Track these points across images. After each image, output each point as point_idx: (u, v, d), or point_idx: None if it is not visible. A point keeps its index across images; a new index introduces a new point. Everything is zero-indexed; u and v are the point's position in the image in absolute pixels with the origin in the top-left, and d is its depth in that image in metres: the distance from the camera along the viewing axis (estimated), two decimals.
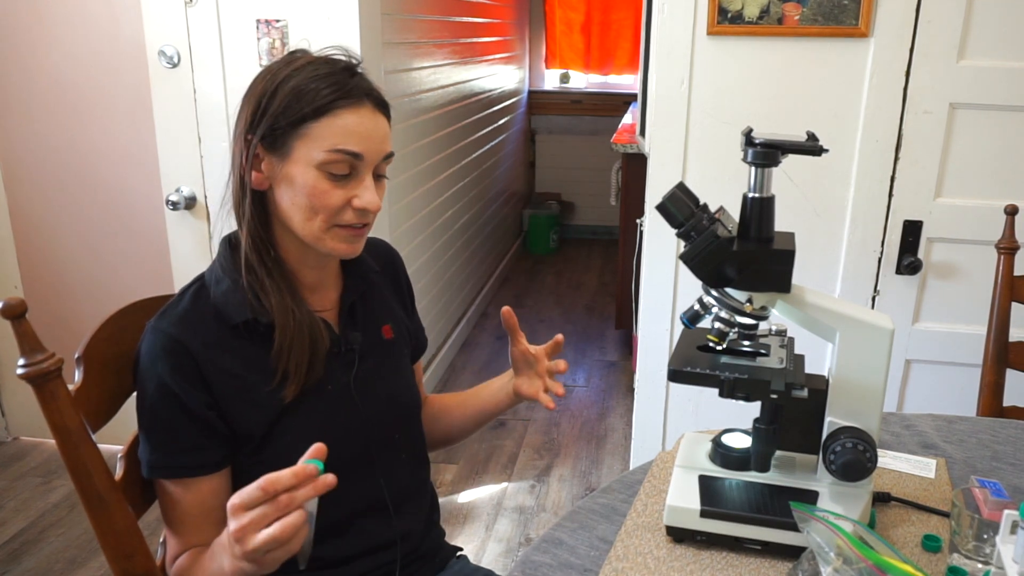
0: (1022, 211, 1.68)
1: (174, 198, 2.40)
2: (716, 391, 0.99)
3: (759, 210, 0.97)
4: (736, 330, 1.00)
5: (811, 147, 0.94)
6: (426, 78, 3.16)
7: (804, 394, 0.97)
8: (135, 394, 1.05)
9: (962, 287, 2.00)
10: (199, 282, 1.07)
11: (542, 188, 5.90)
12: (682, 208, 0.96)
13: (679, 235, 0.97)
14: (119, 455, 1.07)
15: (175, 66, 2.32)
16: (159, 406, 1.00)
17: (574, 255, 5.53)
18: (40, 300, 2.70)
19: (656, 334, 2.16)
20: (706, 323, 1.02)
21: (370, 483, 1.13)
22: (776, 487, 1.02)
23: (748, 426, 1.05)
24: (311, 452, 0.85)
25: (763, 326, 1.03)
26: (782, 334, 1.08)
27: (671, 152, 2.00)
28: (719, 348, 1.02)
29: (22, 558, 2.29)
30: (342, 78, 1.01)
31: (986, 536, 0.92)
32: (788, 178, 1.95)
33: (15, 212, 2.67)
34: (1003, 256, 1.64)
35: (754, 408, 1.01)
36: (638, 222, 2.63)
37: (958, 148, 1.90)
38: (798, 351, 1.08)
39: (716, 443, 1.08)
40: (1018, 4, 1.79)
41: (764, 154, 0.95)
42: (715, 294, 0.99)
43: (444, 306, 3.62)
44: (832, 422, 1.00)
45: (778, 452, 1.06)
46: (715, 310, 0.99)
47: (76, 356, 1.04)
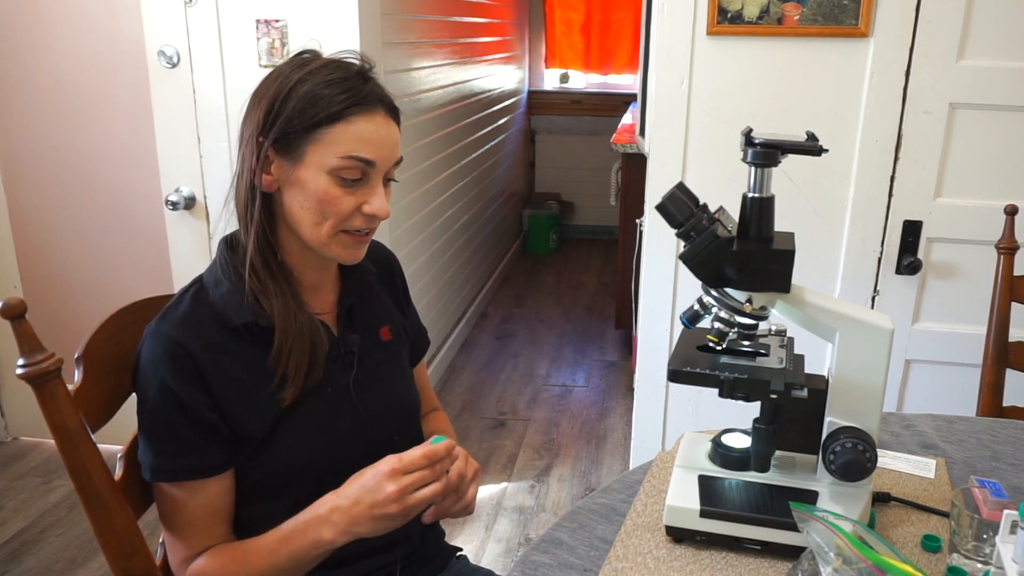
0: (1022, 211, 1.68)
1: (173, 198, 2.40)
2: (716, 391, 0.99)
3: (759, 210, 0.97)
4: (736, 330, 1.00)
5: (811, 147, 0.94)
6: (426, 78, 3.16)
7: (804, 394, 0.97)
8: (135, 397, 1.05)
9: (962, 287, 2.00)
10: (198, 284, 1.07)
11: (542, 188, 5.90)
12: (682, 208, 0.96)
13: (679, 235, 0.97)
14: (119, 455, 1.07)
15: (175, 66, 2.32)
16: (161, 409, 1.00)
17: (574, 255, 5.53)
18: (40, 300, 2.70)
19: (656, 334, 2.16)
20: (706, 323, 1.02)
21: None
22: (776, 487, 1.02)
23: (748, 426, 1.05)
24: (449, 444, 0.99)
25: (763, 326, 1.03)
26: (782, 334, 1.08)
27: (671, 152, 2.00)
28: (719, 348, 1.02)
29: (22, 558, 2.29)
30: (356, 83, 1.01)
31: (986, 536, 0.92)
32: (788, 178, 1.95)
33: (15, 212, 2.67)
34: (1003, 256, 1.64)
35: (754, 408, 1.01)
36: (638, 222, 2.63)
37: (958, 148, 1.90)
38: (798, 351, 1.08)
39: (716, 443, 1.08)
40: (1018, 4, 1.79)
41: (764, 154, 0.95)
42: (715, 294, 0.99)
43: (444, 306, 3.62)
44: (832, 422, 1.00)
45: (778, 452, 1.06)
46: (715, 310, 0.99)
47: (76, 356, 1.04)
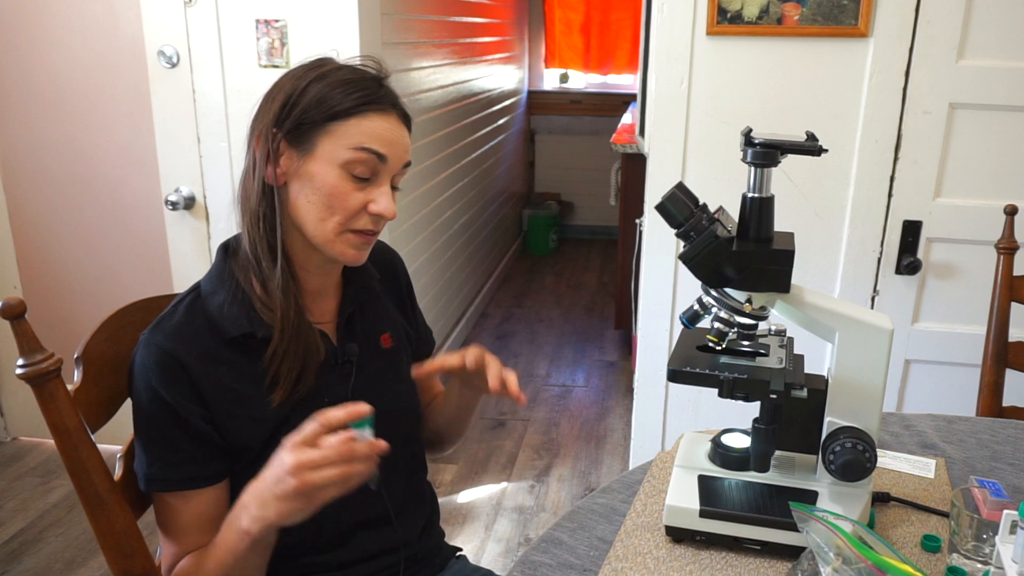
0: (1022, 211, 1.69)
1: (173, 198, 2.40)
2: (715, 391, 0.99)
3: (758, 210, 0.97)
4: (735, 330, 1.00)
5: (810, 147, 0.95)
6: (426, 78, 3.16)
7: (803, 394, 0.97)
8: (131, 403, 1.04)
9: (961, 287, 2.00)
10: (194, 293, 1.06)
11: (541, 188, 5.90)
12: (681, 208, 0.96)
13: (678, 235, 0.97)
14: (118, 455, 1.07)
15: (174, 66, 2.32)
16: (155, 419, 1.00)
17: (573, 255, 5.53)
18: (40, 300, 2.70)
19: (655, 334, 2.16)
20: (705, 323, 1.02)
21: (370, 494, 1.12)
22: (775, 487, 1.02)
23: (747, 426, 1.05)
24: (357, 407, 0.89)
25: (762, 326, 1.03)
26: (781, 334, 1.08)
27: (670, 152, 2.00)
28: (718, 348, 1.02)
29: (22, 558, 2.29)
30: (371, 86, 1.03)
31: (985, 536, 0.92)
32: (788, 178, 1.95)
33: (15, 212, 2.67)
34: (1003, 256, 1.64)
35: (753, 408, 1.01)
36: (637, 222, 2.63)
37: (958, 148, 1.91)
38: (797, 351, 1.08)
39: (715, 443, 1.08)
40: (1018, 4, 1.80)
41: (763, 154, 0.95)
42: (714, 294, 0.99)
43: (444, 306, 3.62)
44: (831, 422, 1.00)
45: (777, 452, 1.06)
46: (714, 310, 0.99)
47: (75, 356, 1.04)
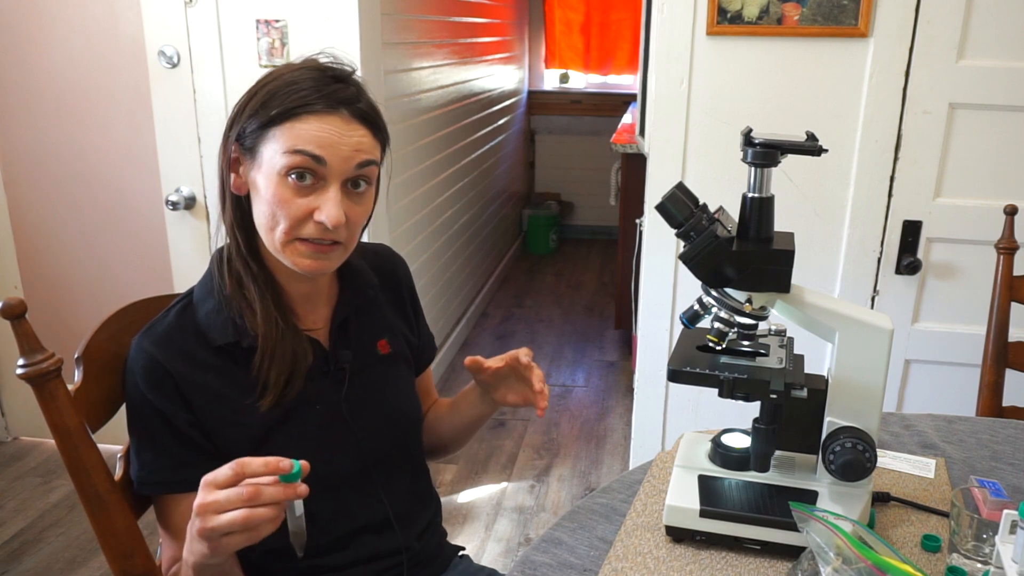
0: (1021, 211, 1.69)
1: (174, 198, 2.40)
2: (716, 391, 0.99)
3: (758, 210, 0.97)
4: (735, 330, 1.00)
5: (810, 147, 0.95)
6: (426, 78, 3.16)
7: (803, 394, 0.97)
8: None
9: (961, 287, 2.00)
10: (187, 298, 1.06)
11: (542, 188, 5.90)
12: (681, 208, 0.96)
13: (678, 235, 0.97)
14: (118, 455, 1.07)
15: (175, 66, 2.32)
16: (145, 422, 1.00)
17: (573, 255, 5.53)
18: (40, 300, 2.70)
19: (655, 334, 2.16)
20: (705, 323, 1.02)
21: (370, 500, 1.12)
22: (775, 487, 1.02)
23: (747, 426, 1.05)
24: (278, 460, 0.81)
25: (762, 326, 1.03)
26: (781, 334, 1.08)
27: (670, 152, 2.00)
28: (718, 348, 1.02)
29: (22, 558, 2.29)
30: (320, 84, 0.97)
31: (985, 536, 0.92)
32: (788, 178, 1.95)
33: (15, 212, 2.67)
34: (1003, 256, 1.64)
35: (753, 408, 1.01)
36: (637, 222, 2.63)
37: (957, 148, 1.91)
38: (797, 351, 1.08)
39: (715, 443, 1.08)
40: (1018, 4, 1.80)
41: (763, 154, 0.95)
42: (714, 294, 0.99)
43: (444, 306, 3.62)
44: (831, 422, 1.00)
45: (777, 452, 1.06)
46: (714, 310, 0.99)
47: (76, 356, 1.04)
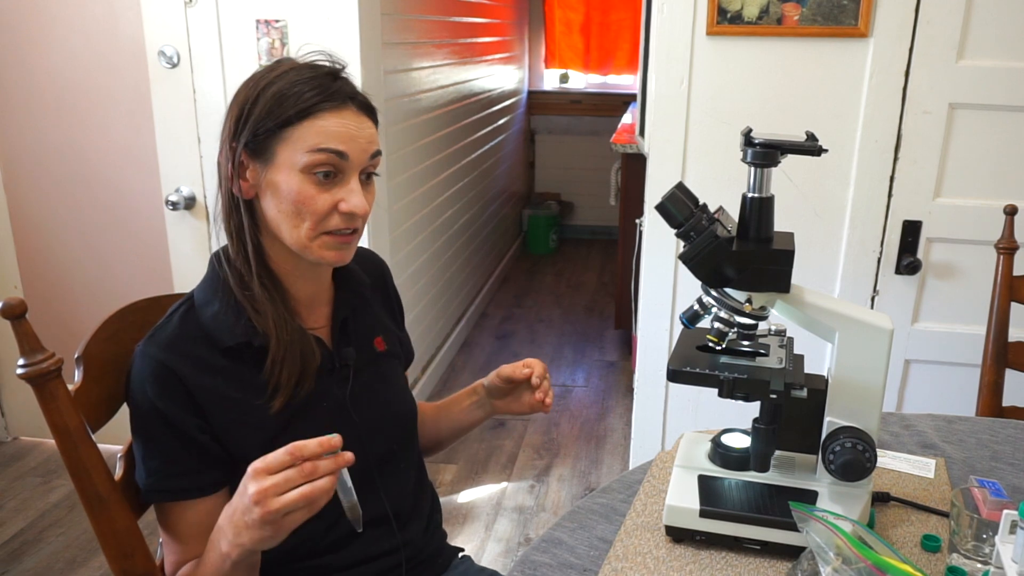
0: (1021, 211, 1.69)
1: (174, 198, 2.40)
2: (715, 391, 0.99)
3: (758, 210, 0.97)
4: (735, 330, 1.00)
5: (810, 147, 0.95)
6: (426, 78, 3.16)
7: (803, 394, 0.97)
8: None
9: (961, 287, 2.00)
10: (188, 303, 1.06)
11: (541, 188, 5.90)
12: (681, 208, 0.96)
13: (678, 235, 0.97)
14: (119, 455, 1.07)
15: (175, 66, 2.32)
16: (152, 430, 1.00)
17: (573, 255, 5.53)
18: (40, 300, 2.70)
19: (655, 334, 2.16)
20: (705, 323, 1.02)
21: (372, 497, 1.12)
22: (775, 487, 1.02)
23: (747, 426, 1.05)
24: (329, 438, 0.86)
25: (762, 326, 1.03)
26: (781, 334, 1.08)
27: (670, 152, 2.00)
28: (718, 348, 1.02)
29: (22, 558, 2.29)
30: (324, 82, 1.00)
31: (985, 536, 0.92)
32: (787, 178, 1.95)
33: (15, 212, 2.67)
34: (1002, 256, 1.64)
35: (753, 408, 1.01)
36: (637, 222, 2.63)
37: (957, 148, 1.91)
38: (797, 351, 1.08)
39: (715, 443, 1.08)
40: (1018, 4, 1.80)
41: (763, 154, 0.95)
42: (714, 294, 0.99)
43: (444, 306, 3.62)
44: (831, 422, 1.00)
45: (777, 452, 1.06)
46: (714, 310, 1.00)
47: (76, 356, 1.04)
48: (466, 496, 2.64)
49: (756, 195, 0.97)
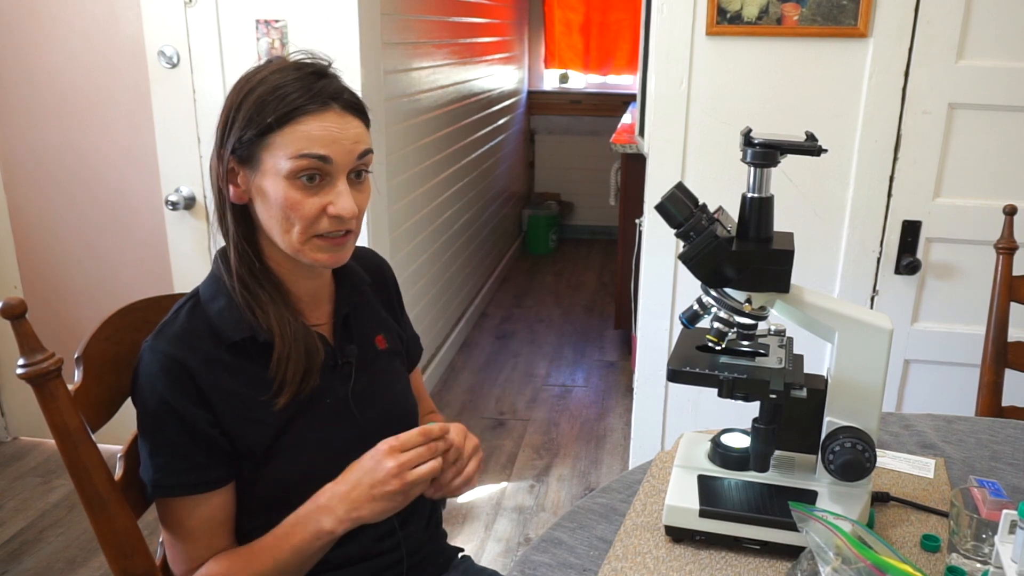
0: (1021, 211, 1.69)
1: (173, 198, 2.40)
2: (715, 391, 0.99)
3: (758, 210, 0.97)
4: (735, 330, 1.00)
5: (810, 147, 0.95)
6: (425, 78, 3.16)
7: (803, 394, 0.97)
8: (135, 411, 1.04)
9: (961, 287, 2.00)
10: (194, 298, 1.06)
11: (541, 188, 5.90)
12: (681, 208, 0.96)
13: (678, 235, 0.97)
14: (119, 455, 1.07)
15: (175, 66, 2.32)
16: (162, 425, 1.00)
17: (573, 255, 5.53)
18: (40, 300, 2.70)
19: (655, 334, 2.16)
20: (705, 323, 1.02)
21: None
22: (775, 487, 1.02)
23: (747, 426, 1.05)
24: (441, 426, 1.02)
25: (762, 326, 1.03)
26: (781, 334, 1.08)
27: (670, 152, 2.01)
28: (718, 348, 1.02)
29: (22, 558, 2.29)
30: (306, 84, 0.98)
31: (985, 536, 0.92)
32: (787, 178, 1.95)
33: (15, 212, 2.67)
34: (1002, 256, 1.64)
35: (753, 408, 1.01)
36: (637, 222, 2.63)
37: (957, 148, 1.91)
38: (797, 351, 1.08)
39: (715, 443, 1.08)
40: (1017, 4, 1.80)
41: (763, 154, 0.95)
42: (714, 294, 0.99)
43: (443, 306, 3.62)
44: (831, 422, 1.00)
45: (777, 452, 1.06)
46: (714, 310, 1.00)
47: (76, 356, 1.04)
48: (466, 496, 2.64)
49: (756, 195, 0.97)
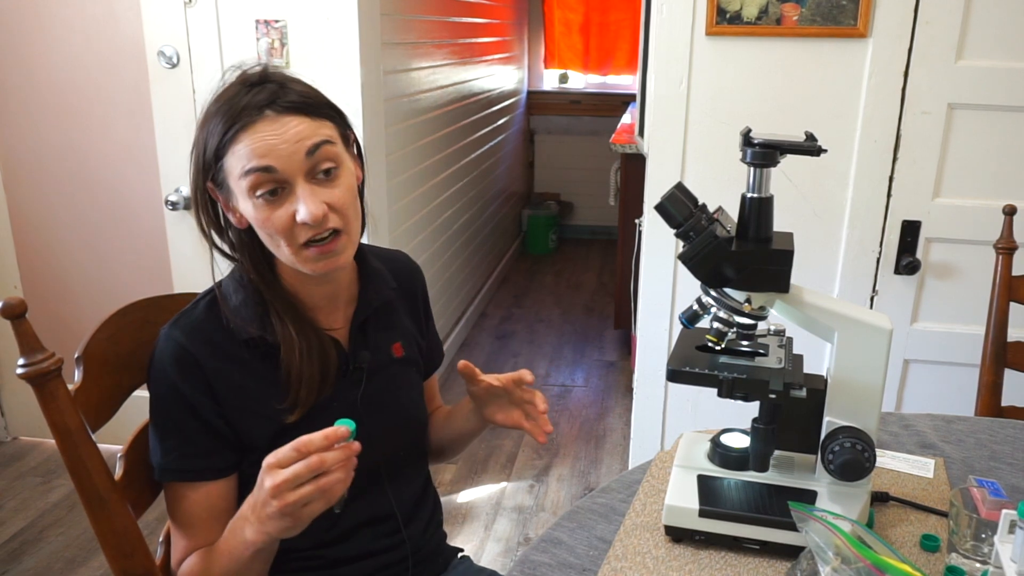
0: (1020, 211, 1.69)
1: (173, 198, 2.40)
2: (715, 391, 0.99)
3: (758, 210, 0.97)
4: (735, 330, 1.00)
5: (809, 147, 0.95)
6: (425, 78, 3.16)
7: (802, 394, 0.97)
8: (136, 394, 1.05)
9: (960, 287, 2.00)
10: (216, 291, 1.07)
11: (541, 188, 5.90)
12: (681, 208, 0.96)
13: (678, 235, 0.97)
14: (119, 455, 1.07)
15: (174, 66, 2.32)
16: (171, 410, 1.02)
17: (573, 255, 5.53)
18: (40, 300, 2.70)
19: (655, 334, 2.16)
20: (705, 323, 1.02)
21: (378, 497, 1.13)
22: (775, 487, 1.02)
23: (747, 426, 1.05)
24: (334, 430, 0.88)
25: (762, 326, 1.03)
26: (780, 334, 1.08)
27: (670, 152, 2.01)
28: (718, 348, 1.02)
29: (22, 558, 2.29)
30: (237, 100, 0.96)
31: (984, 536, 0.92)
32: (787, 178, 1.95)
33: (15, 212, 2.67)
34: (1001, 256, 1.64)
35: (753, 408, 1.01)
36: (637, 222, 2.63)
37: (956, 148, 1.91)
38: (796, 351, 1.08)
39: (715, 443, 1.08)
40: (1017, 4, 1.80)
41: (763, 154, 0.95)
42: (714, 294, 0.99)
43: (443, 306, 3.62)
44: (831, 422, 1.00)
45: (777, 452, 1.06)
46: (714, 310, 1.00)
47: (76, 356, 1.04)
48: (466, 496, 2.64)
49: (755, 195, 0.97)
